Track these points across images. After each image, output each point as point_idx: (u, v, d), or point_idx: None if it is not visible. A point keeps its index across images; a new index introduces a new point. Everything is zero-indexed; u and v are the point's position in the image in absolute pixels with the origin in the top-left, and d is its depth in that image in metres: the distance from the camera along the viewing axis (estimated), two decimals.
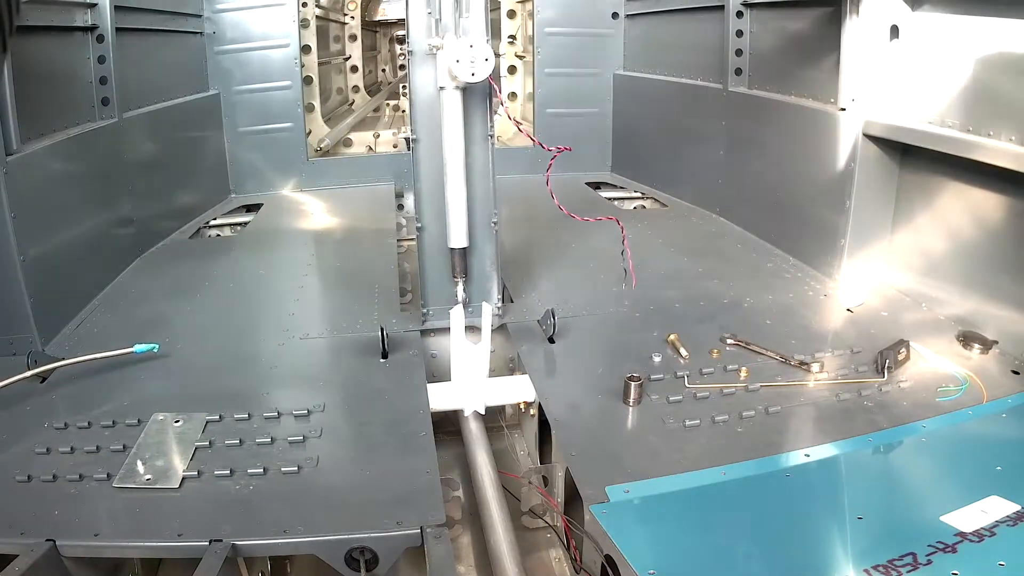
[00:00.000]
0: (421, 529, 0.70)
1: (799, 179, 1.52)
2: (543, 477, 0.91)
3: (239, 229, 1.96)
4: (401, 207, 2.08)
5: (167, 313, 1.27)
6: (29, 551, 0.68)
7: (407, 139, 1.16)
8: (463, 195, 1.09)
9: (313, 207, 2.07)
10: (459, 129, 1.05)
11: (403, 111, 3.28)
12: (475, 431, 0.99)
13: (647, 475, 0.78)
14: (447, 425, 1.08)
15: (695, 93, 1.87)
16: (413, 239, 1.24)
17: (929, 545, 0.61)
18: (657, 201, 2.05)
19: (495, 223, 1.15)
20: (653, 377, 1.00)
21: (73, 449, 0.85)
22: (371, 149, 2.48)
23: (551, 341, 1.10)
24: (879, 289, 1.31)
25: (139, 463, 0.81)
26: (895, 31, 1.31)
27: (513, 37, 2.49)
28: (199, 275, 1.47)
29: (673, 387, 0.98)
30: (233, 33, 2.11)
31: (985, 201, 1.14)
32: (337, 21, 2.92)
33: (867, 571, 0.58)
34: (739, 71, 1.78)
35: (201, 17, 2.06)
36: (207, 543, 0.68)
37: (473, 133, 1.10)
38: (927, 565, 0.59)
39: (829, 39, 1.44)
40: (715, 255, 1.53)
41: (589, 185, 2.15)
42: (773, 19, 1.69)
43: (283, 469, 0.80)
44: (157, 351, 1.06)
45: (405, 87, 1.78)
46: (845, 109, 1.40)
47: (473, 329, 1.18)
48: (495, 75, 1.02)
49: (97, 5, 1.48)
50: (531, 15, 2.30)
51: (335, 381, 1.03)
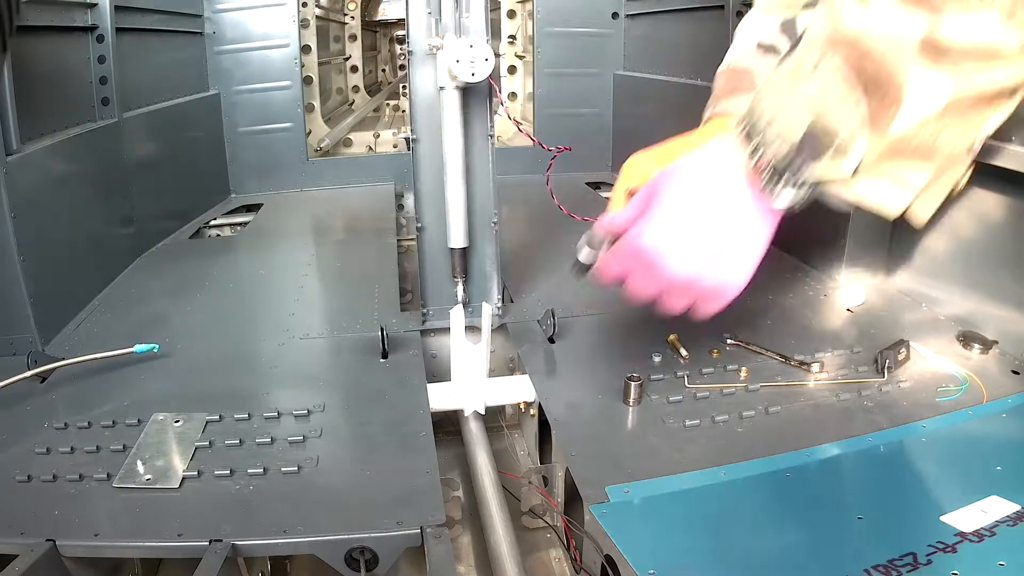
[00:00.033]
0: (421, 529, 0.70)
1: None
2: (543, 477, 0.91)
3: (239, 229, 1.95)
4: (401, 207, 2.08)
5: (167, 313, 1.27)
6: (29, 551, 0.67)
7: (407, 139, 1.15)
8: (463, 195, 1.09)
9: (313, 207, 2.07)
10: (459, 129, 1.05)
11: (403, 111, 3.28)
12: (475, 431, 0.99)
13: (647, 475, 0.77)
14: (447, 425, 1.07)
15: (695, 93, 1.86)
16: (413, 239, 1.24)
17: (929, 545, 0.61)
18: None
19: (495, 223, 1.15)
20: (653, 377, 0.99)
21: (73, 449, 0.84)
22: (371, 149, 2.47)
23: (551, 341, 1.10)
24: (879, 289, 1.31)
25: (139, 463, 0.81)
26: None
27: (513, 37, 2.49)
28: (199, 275, 1.47)
29: (673, 387, 0.97)
30: (233, 33, 2.10)
31: (986, 201, 1.14)
32: (337, 21, 2.92)
33: (867, 571, 0.58)
34: None
35: (201, 17, 2.05)
36: (207, 543, 0.68)
37: (473, 133, 1.09)
38: (927, 565, 0.59)
39: None
40: None
41: (589, 185, 2.15)
42: None
43: (283, 469, 0.80)
44: (157, 351, 1.06)
45: (405, 87, 1.78)
46: None
47: (473, 329, 1.18)
48: (495, 75, 1.01)
49: (97, 5, 1.48)
50: (531, 15, 2.30)
51: (335, 381, 1.03)
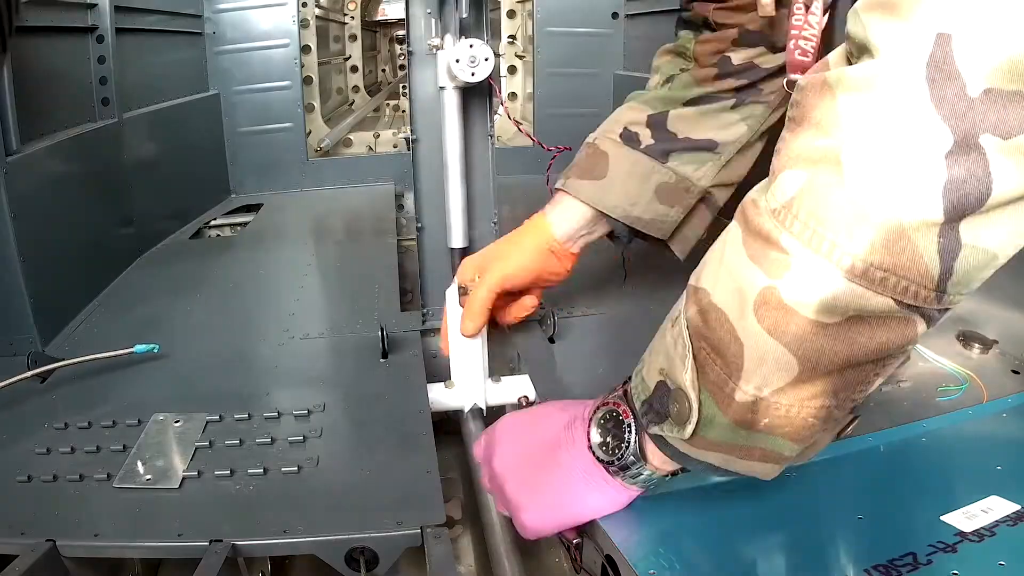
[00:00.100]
0: (421, 529, 0.70)
1: None
2: None
3: (239, 229, 1.95)
4: (401, 207, 2.07)
5: (167, 313, 1.27)
6: (29, 551, 0.67)
7: (407, 139, 1.15)
8: (463, 195, 1.09)
9: (313, 207, 2.07)
10: (459, 129, 1.05)
11: (403, 111, 3.28)
12: (475, 431, 0.99)
13: None
14: (447, 425, 1.07)
15: None
16: (413, 239, 1.24)
17: (929, 545, 0.60)
18: None
19: (495, 223, 1.15)
20: None
21: (73, 449, 0.84)
22: (371, 149, 2.47)
23: (551, 341, 1.10)
24: None
25: (139, 463, 0.81)
26: None
27: (513, 37, 2.49)
28: (199, 275, 1.47)
29: None
30: (233, 33, 2.10)
31: None
32: (337, 21, 2.91)
33: (867, 571, 0.58)
34: None
35: (201, 17, 2.05)
36: (207, 543, 0.68)
37: (473, 133, 1.09)
38: (927, 565, 0.58)
39: None
40: None
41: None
42: None
43: (283, 469, 0.80)
44: (157, 351, 1.06)
45: (405, 87, 1.78)
46: None
47: None
48: (495, 75, 1.01)
49: (97, 5, 1.48)
50: (531, 15, 2.30)
51: (335, 381, 1.02)
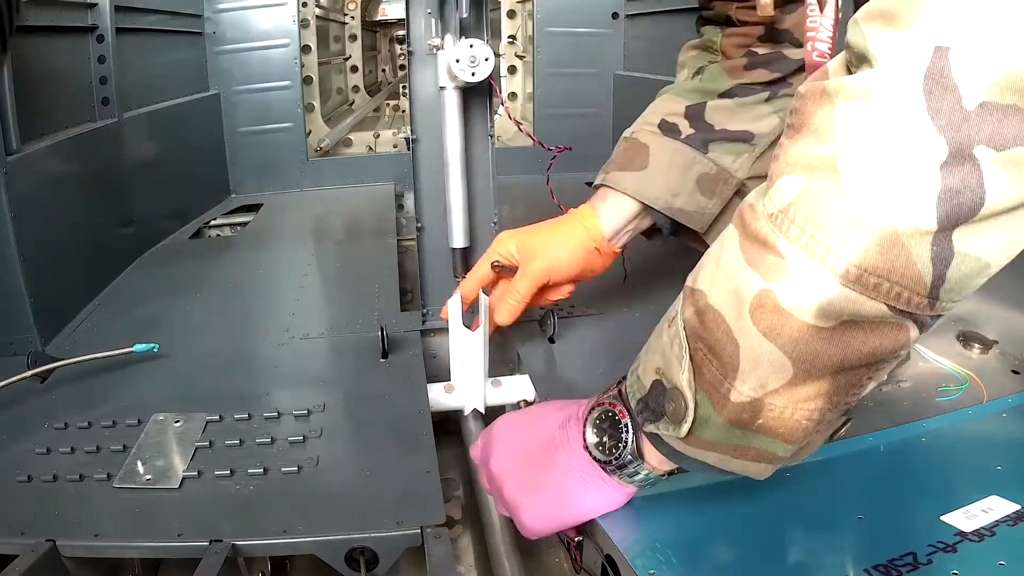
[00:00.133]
0: (421, 529, 0.70)
1: None
2: None
3: (239, 229, 1.95)
4: (401, 207, 2.07)
5: (167, 313, 1.27)
6: (29, 551, 0.67)
7: (407, 139, 1.15)
8: (463, 195, 1.09)
9: (313, 207, 2.07)
10: (459, 129, 1.05)
11: (403, 111, 3.28)
12: (475, 431, 0.99)
13: None
14: (447, 425, 1.07)
15: None
16: (413, 239, 1.24)
17: (929, 545, 0.60)
18: None
19: (495, 223, 1.15)
20: None
21: (73, 449, 0.84)
22: (371, 149, 2.47)
23: (551, 341, 1.10)
24: None
25: (139, 463, 0.81)
26: None
27: (513, 37, 2.49)
28: (199, 275, 1.47)
29: None
30: (233, 33, 2.10)
31: None
32: (337, 21, 2.92)
33: (867, 571, 0.58)
34: None
35: (201, 17, 2.05)
36: (207, 543, 0.68)
37: (473, 133, 1.09)
38: (927, 565, 0.58)
39: None
40: None
41: (589, 185, 2.14)
42: None
43: (283, 469, 0.80)
44: (157, 351, 1.06)
45: (405, 87, 1.78)
46: None
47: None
48: (495, 75, 1.01)
49: (97, 5, 1.48)
50: (531, 15, 2.30)
51: (335, 381, 1.02)
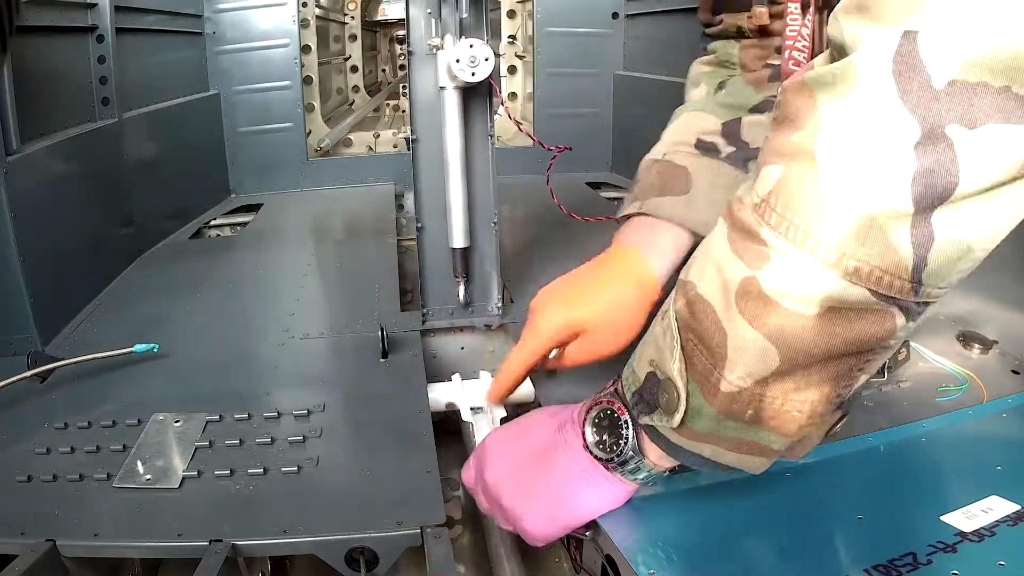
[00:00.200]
0: (421, 529, 0.70)
1: None
2: None
3: (239, 229, 1.95)
4: (401, 207, 2.08)
5: (167, 313, 1.27)
6: (29, 551, 0.67)
7: (407, 139, 1.15)
8: (463, 195, 1.09)
9: (313, 207, 2.07)
10: (459, 129, 1.05)
11: (403, 111, 3.28)
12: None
13: None
14: (447, 425, 1.07)
15: None
16: (413, 239, 1.24)
17: (929, 545, 0.60)
18: None
19: (495, 223, 1.15)
20: None
21: (73, 449, 0.84)
22: (371, 149, 2.47)
23: None
24: None
25: (139, 463, 0.81)
26: None
27: (513, 37, 2.49)
28: (199, 275, 1.47)
29: None
30: (233, 33, 2.10)
31: None
32: (337, 21, 2.92)
33: (867, 571, 0.58)
34: None
35: (201, 17, 2.05)
36: (207, 543, 0.68)
37: (473, 133, 1.09)
38: (927, 565, 0.58)
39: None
40: None
41: (589, 185, 2.15)
42: None
43: (283, 469, 0.80)
44: (157, 351, 1.06)
45: (405, 87, 1.78)
46: None
47: (472, 328, 1.18)
48: (495, 75, 1.01)
49: (97, 5, 1.48)
50: (531, 15, 2.30)
51: (335, 381, 1.02)
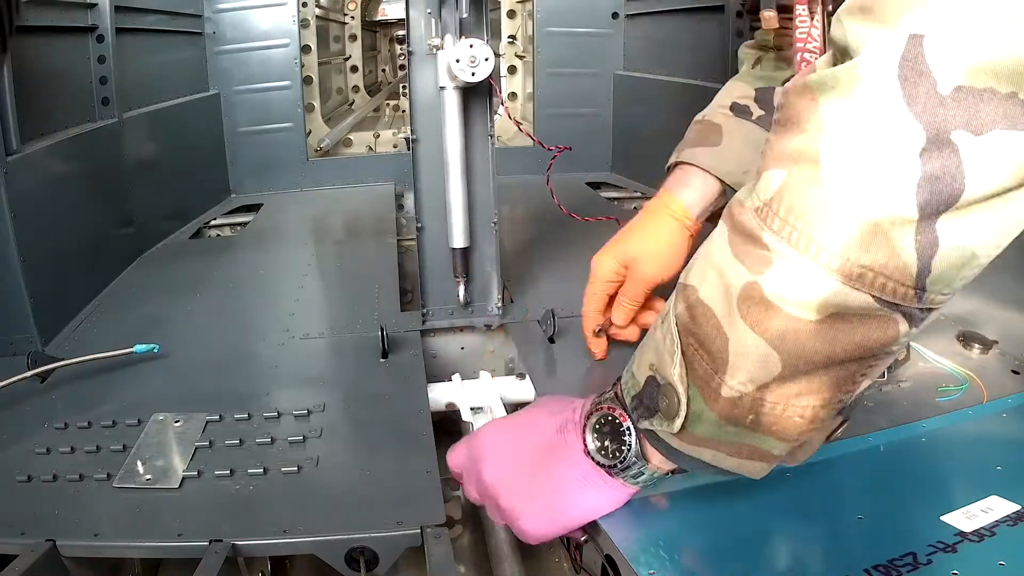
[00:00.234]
0: (421, 529, 0.70)
1: None
2: None
3: (239, 229, 1.95)
4: (401, 207, 2.08)
5: (167, 313, 1.27)
6: (29, 551, 0.67)
7: (407, 139, 1.15)
8: (463, 195, 1.09)
9: (313, 207, 2.07)
10: (459, 129, 1.05)
11: (403, 111, 3.28)
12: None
13: None
14: (447, 425, 1.07)
15: (695, 93, 1.87)
16: (413, 239, 1.24)
17: (929, 545, 0.60)
18: None
19: (495, 223, 1.15)
20: None
21: (73, 449, 0.84)
22: (371, 149, 2.47)
23: (551, 341, 1.10)
24: None
25: (139, 463, 0.81)
26: None
27: (513, 37, 2.49)
28: (199, 275, 1.47)
29: None
30: (233, 33, 2.10)
31: None
32: (337, 21, 2.92)
33: (867, 571, 0.58)
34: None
35: (201, 17, 2.05)
36: (207, 543, 0.68)
37: (473, 133, 1.09)
38: (927, 565, 0.58)
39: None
40: None
41: (589, 185, 2.14)
42: None
43: (283, 469, 0.80)
44: (157, 351, 1.06)
45: (405, 87, 1.78)
46: None
47: (472, 328, 1.18)
48: (495, 75, 1.01)
49: (97, 5, 1.48)
50: (531, 15, 2.30)
51: (335, 381, 1.03)
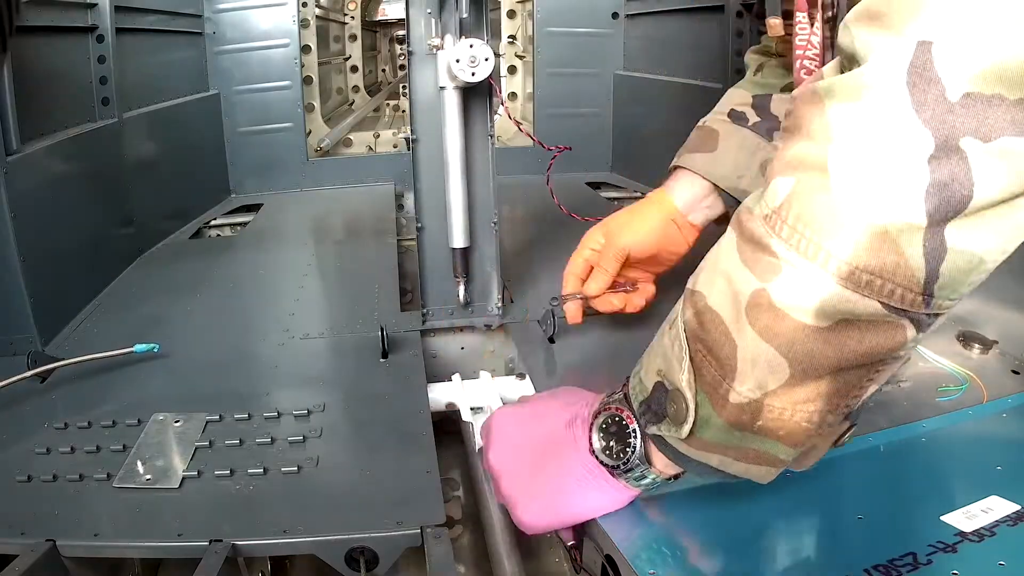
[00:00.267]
0: (421, 529, 0.70)
1: None
2: None
3: (239, 229, 1.95)
4: (401, 207, 2.08)
5: (167, 313, 1.27)
6: (29, 551, 0.67)
7: (407, 139, 1.15)
8: (463, 195, 1.09)
9: (313, 207, 2.07)
10: (459, 129, 1.05)
11: (403, 111, 3.28)
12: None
13: None
14: (447, 425, 1.07)
15: (695, 93, 1.87)
16: (413, 239, 1.24)
17: (929, 545, 0.61)
18: None
19: (495, 223, 1.15)
20: None
21: (73, 449, 0.84)
22: (371, 149, 2.47)
23: (551, 341, 1.10)
24: None
25: (139, 463, 0.81)
26: None
27: (513, 37, 2.49)
28: (199, 275, 1.47)
29: None
30: (233, 33, 2.10)
31: None
32: (337, 21, 2.92)
33: (867, 571, 0.58)
34: (739, 71, 1.77)
35: (201, 17, 2.05)
36: (207, 543, 0.68)
37: (473, 133, 1.09)
38: (927, 565, 0.59)
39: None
40: None
41: (589, 185, 2.14)
42: None
43: (283, 469, 0.80)
44: (157, 351, 1.06)
45: (405, 87, 1.78)
46: None
47: (472, 328, 1.18)
48: (495, 75, 1.01)
49: (97, 5, 1.48)
50: (531, 15, 2.30)
51: (335, 381, 1.03)
